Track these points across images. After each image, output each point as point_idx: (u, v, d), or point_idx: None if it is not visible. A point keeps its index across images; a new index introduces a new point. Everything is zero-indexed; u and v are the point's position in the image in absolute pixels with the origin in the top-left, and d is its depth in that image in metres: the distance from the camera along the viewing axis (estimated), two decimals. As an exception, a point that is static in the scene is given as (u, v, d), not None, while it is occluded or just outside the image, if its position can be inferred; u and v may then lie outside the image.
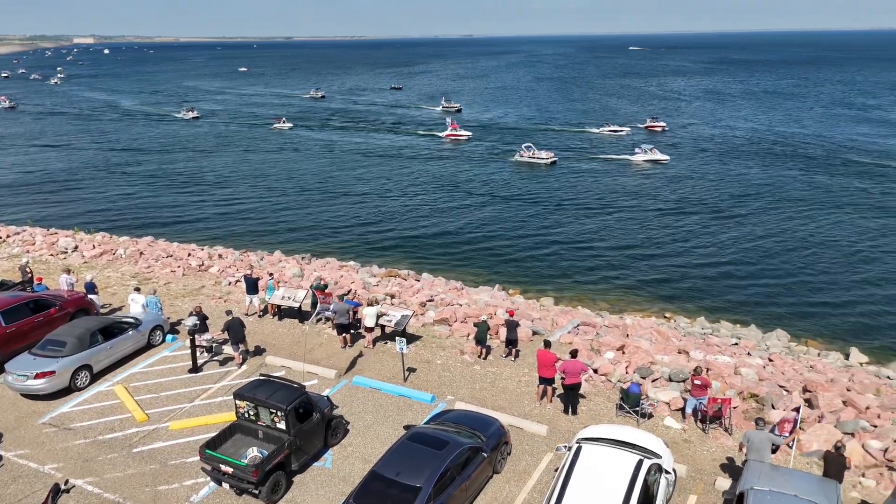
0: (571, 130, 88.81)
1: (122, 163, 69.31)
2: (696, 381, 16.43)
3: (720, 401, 16.34)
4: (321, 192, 55.76)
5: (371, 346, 20.92)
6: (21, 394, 17.94)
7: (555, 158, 66.31)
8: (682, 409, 17.01)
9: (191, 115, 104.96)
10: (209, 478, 14.09)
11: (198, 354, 19.63)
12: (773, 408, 17.30)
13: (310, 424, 14.72)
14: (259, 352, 20.69)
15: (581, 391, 17.46)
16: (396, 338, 18.54)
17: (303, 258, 35.71)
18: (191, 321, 18.93)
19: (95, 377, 18.98)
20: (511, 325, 20.01)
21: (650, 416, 16.89)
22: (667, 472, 13.07)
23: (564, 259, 39.05)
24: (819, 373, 21.36)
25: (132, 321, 20.62)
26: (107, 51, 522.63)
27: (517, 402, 17.79)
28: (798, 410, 14.50)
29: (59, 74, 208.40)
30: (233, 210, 50.59)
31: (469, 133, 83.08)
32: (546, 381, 17.35)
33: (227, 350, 20.40)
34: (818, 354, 26.48)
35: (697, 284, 35.06)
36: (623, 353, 20.82)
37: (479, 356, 20.33)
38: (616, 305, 32.05)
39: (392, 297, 26.39)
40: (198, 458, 14.74)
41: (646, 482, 11.99)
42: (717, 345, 24.20)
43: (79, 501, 13.92)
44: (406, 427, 14.93)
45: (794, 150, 72.27)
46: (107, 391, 18.41)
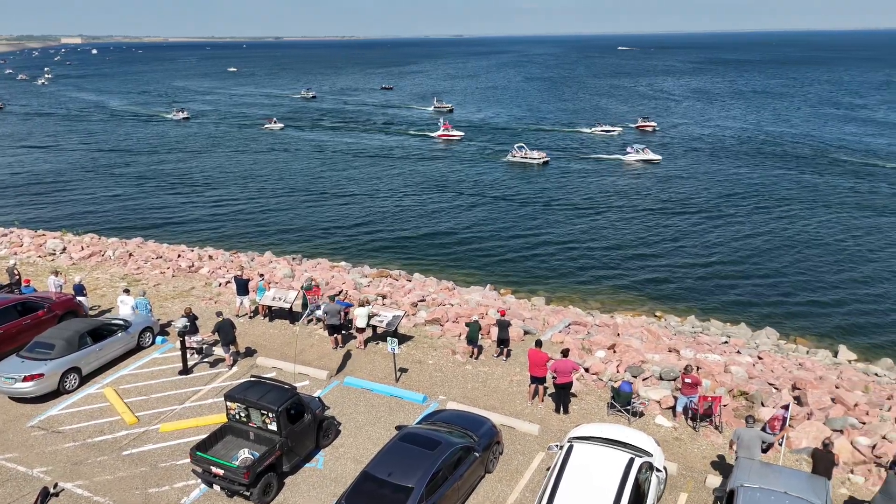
0: (563, 130, 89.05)
1: (111, 164, 68.85)
2: (687, 380, 16.51)
3: (710, 399, 16.43)
4: (312, 193, 55.62)
5: (362, 347, 20.89)
6: (9, 397, 17.79)
7: (547, 158, 66.43)
8: (673, 408, 17.09)
9: (181, 116, 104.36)
10: (200, 480, 14.01)
11: (188, 356, 19.51)
12: (763, 405, 17.42)
13: (301, 425, 14.68)
14: (250, 353, 20.61)
15: (572, 390, 17.50)
16: (388, 338, 18.53)
17: (293, 259, 35.60)
18: (181, 322, 18.85)
19: (85, 380, 18.84)
20: (502, 325, 20.04)
21: (641, 415, 16.97)
22: (658, 471, 13.14)
23: (556, 259, 39.15)
24: (808, 370, 21.51)
25: (121, 323, 20.49)
26: (95, 51, 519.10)
27: (509, 402, 17.82)
28: (787, 408, 14.61)
29: (47, 75, 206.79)
30: (223, 211, 50.36)
31: (461, 133, 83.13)
32: (537, 381, 17.39)
33: (218, 351, 20.31)
34: (807, 352, 26.69)
35: (687, 283, 35.25)
36: (614, 352, 20.90)
37: (471, 356, 20.35)
38: (607, 305, 32.17)
39: (383, 298, 26.36)
40: (188, 461, 14.67)
41: (637, 480, 12.04)
42: (708, 343, 24.33)
43: (68, 505, 13.83)
44: (398, 427, 14.92)
45: (783, 150, 72.80)
46: (96, 394, 18.28)
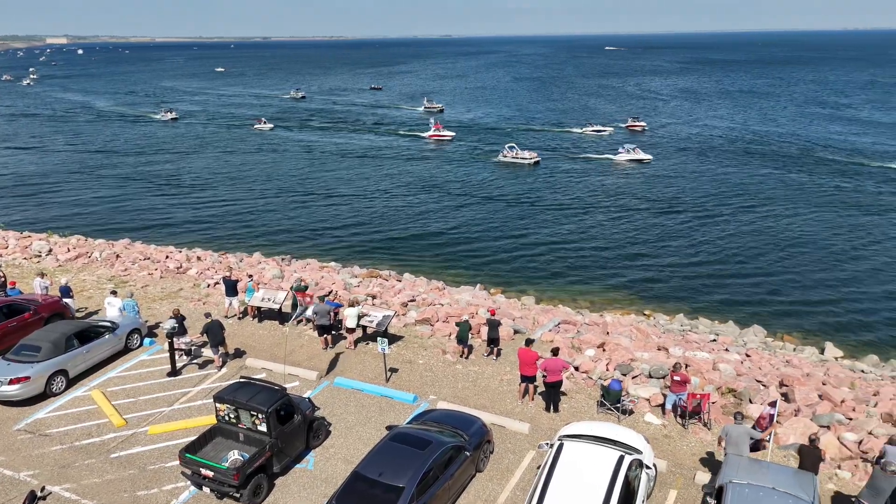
0: (554, 130, 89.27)
1: (98, 165, 68.26)
2: (676, 378, 16.62)
3: (699, 396, 16.54)
4: (302, 193, 55.42)
5: (353, 347, 20.85)
6: (-5, 400, 17.60)
7: (538, 158, 66.53)
8: (662, 405, 17.20)
9: (169, 117, 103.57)
10: (189, 482, 13.94)
11: (177, 357, 19.40)
12: (751, 402, 17.56)
13: (291, 426, 14.64)
14: (239, 354, 20.51)
15: (562, 389, 17.56)
16: (378, 338, 18.51)
17: (283, 259, 35.46)
18: (169, 324, 18.74)
19: (72, 382, 18.69)
20: (492, 325, 20.07)
21: (631, 413, 17.05)
22: (648, 468, 13.21)
23: (545, 258, 39.25)
24: (795, 367, 21.70)
25: (109, 325, 20.32)
26: (80, 51, 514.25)
27: (499, 401, 17.85)
28: (775, 405, 14.72)
29: (32, 75, 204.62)
30: (212, 212, 50.07)
31: (453, 133, 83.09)
32: (528, 380, 17.44)
33: (207, 353, 20.20)
34: (794, 349, 26.91)
35: (676, 282, 35.45)
36: (603, 351, 20.99)
37: (461, 355, 20.37)
38: (596, 303, 32.28)
39: (373, 298, 26.33)
40: (177, 463, 14.57)
41: (627, 478, 12.10)
42: (696, 341, 24.47)
43: (55, 509, 13.71)
44: (388, 427, 14.91)
45: (770, 149, 73.39)
46: (83, 396, 18.13)
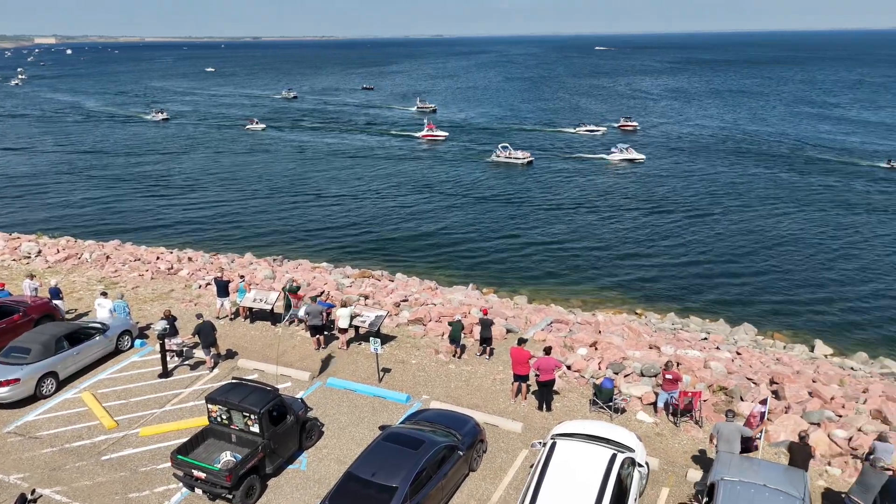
0: (547, 130, 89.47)
1: (88, 166, 67.81)
2: (668, 376, 16.70)
3: (691, 394, 16.63)
4: (294, 194, 55.28)
5: (345, 348, 20.82)
6: (-16, 403, 17.46)
7: (531, 158, 66.63)
8: (654, 404, 17.27)
9: (160, 117, 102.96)
10: (181, 484, 13.89)
11: (168, 359, 19.32)
12: (742, 400, 17.67)
13: (284, 427, 14.60)
14: (231, 355, 20.43)
15: (555, 388, 17.62)
16: (371, 338, 18.48)
17: (274, 260, 35.36)
18: (160, 325, 18.65)
19: (62, 384, 18.56)
20: (485, 324, 20.10)
21: (623, 411, 17.12)
22: (640, 466, 13.27)
23: (538, 258, 39.33)
24: (785, 365, 21.86)
25: (99, 326, 20.21)
26: (69, 51, 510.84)
27: (492, 400, 17.88)
28: (765, 402, 14.82)
29: (20, 76, 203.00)
30: (203, 213, 49.85)
31: (446, 133, 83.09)
32: (520, 379, 17.46)
33: (198, 354, 20.12)
34: (784, 347, 27.10)
35: (668, 281, 35.62)
36: (596, 350, 21.06)
37: (454, 355, 20.38)
38: (588, 303, 32.39)
39: (366, 298, 26.30)
40: (169, 464, 14.50)
41: (619, 476, 12.14)
42: (687, 340, 24.60)
43: (46, 511, 13.62)
44: (381, 427, 14.90)
45: (760, 148, 73.87)
46: (74, 398, 18.01)
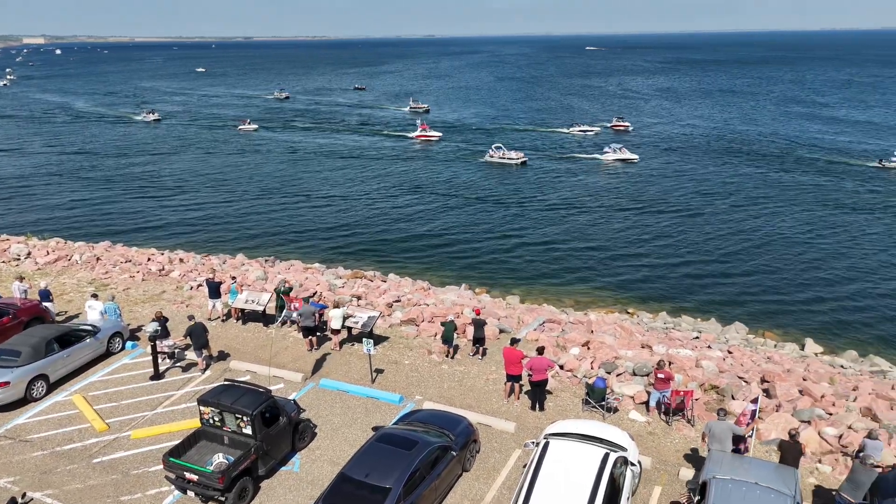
0: (541, 130, 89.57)
1: (77, 167, 67.35)
2: (660, 375, 16.78)
3: (682, 393, 16.71)
4: (286, 195, 55.11)
5: (338, 349, 20.78)
6: (-27, 406, 17.32)
7: (525, 159, 66.68)
8: (647, 403, 17.35)
9: (151, 118, 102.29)
10: (173, 486, 13.82)
11: (159, 361, 19.24)
12: (734, 398, 17.77)
13: (277, 429, 14.57)
14: (223, 357, 20.36)
15: (548, 387, 17.65)
16: (363, 339, 18.47)
17: (266, 261, 35.23)
18: (151, 327, 18.55)
19: (52, 387, 18.45)
20: (478, 324, 20.11)
21: (615, 410, 17.18)
22: (632, 465, 13.32)
23: (531, 258, 39.39)
24: (776, 363, 21.99)
25: (90, 328, 20.09)
26: (59, 51, 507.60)
27: (485, 400, 17.90)
28: (756, 401, 14.91)
29: (9, 76, 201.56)
30: (195, 214, 49.62)
31: (440, 134, 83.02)
32: (513, 379, 17.50)
33: (190, 356, 20.04)
34: (775, 346, 27.26)
35: (659, 281, 35.75)
36: (588, 349, 21.11)
37: (447, 355, 20.39)
38: (581, 302, 32.47)
39: (358, 299, 26.25)
40: (161, 467, 14.44)
41: (612, 475, 12.19)
42: (679, 339, 24.70)
43: (37, 515, 13.53)
44: (374, 428, 14.89)
45: (751, 148, 74.27)
46: (64, 401, 17.90)
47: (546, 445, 13.01)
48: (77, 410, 17.37)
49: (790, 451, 13.28)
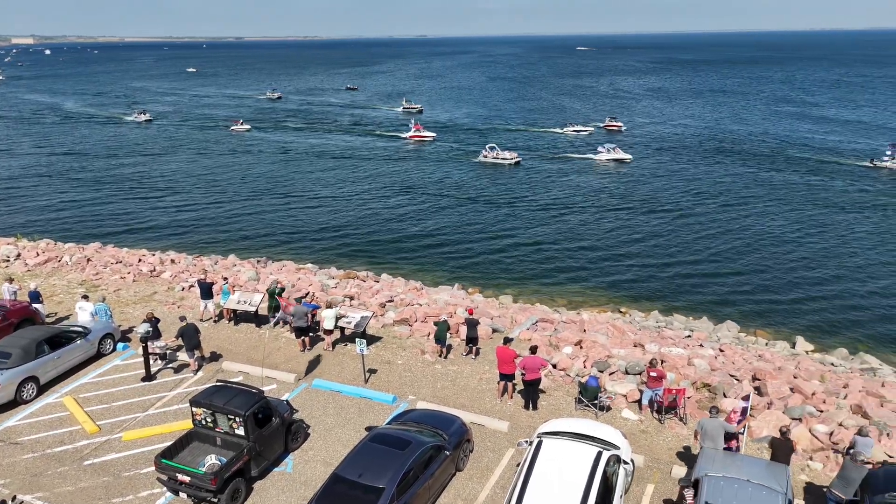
0: (534, 130, 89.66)
1: (67, 168, 66.89)
2: (652, 373, 16.83)
3: (675, 391, 16.78)
4: (279, 195, 54.92)
5: (330, 349, 20.74)
6: (-38, 409, 17.19)
7: (518, 159, 66.71)
8: (639, 401, 17.41)
9: (143, 118, 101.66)
10: (165, 488, 13.75)
11: (151, 362, 19.14)
12: (725, 396, 17.86)
13: (269, 429, 14.52)
14: (215, 358, 20.28)
15: (541, 386, 17.69)
16: (356, 339, 18.44)
17: (258, 261, 35.12)
18: (143, 328, 18.45)
19: (43, 389, 18.33)
20: (471, 324, 20.13)
21: (608, 409, 17.23)
22: (625, 463, 13.37)
23: (523, 257, 39.44)
24: (767, 361, 22.10)
25: (80, 330, 19.97)
26: (48, 51, 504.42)
27: (478, 400, 17.91)
28: (748, 398, 14.99)
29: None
30: (187, 214, 49.38)
31: (434, 134, 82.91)
32: (506, 378, 17.52)
33: (182, 357, 19.96)
34: (766, 344, 27.40)
35: (651, 280, 35.88)
36: (581, 348, 21.17)
37: (440, 355, 20.39)
38: (573, 302, 32.54)
39: (351, 299, 26.22)
40: (153, 469, 14.37)
41: (605, 473, 12.23)
42: (671, 337, 24.79)
43: (27, 518, 13.43)
44: (368, 428, 14.86)
45: (742, 148, 74.64)
46: (55, 403, 17.79)
47: (539, 444, 13.04)
48: (68, 412, 17.26)
49: (781, 449, 13.36)
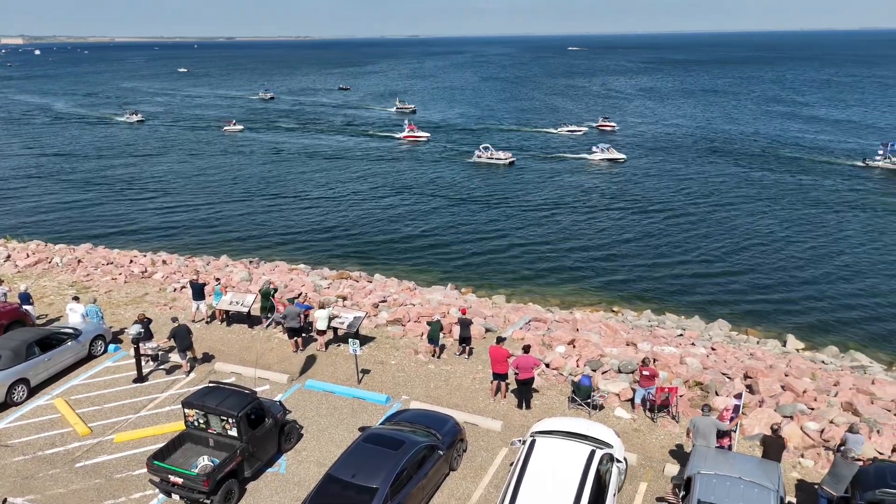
0: (529, 130, 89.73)
1: (58, 169, 66.45)
2: (644, 372, 16.90)
3: (667, 390, 16.86)
4: (272, 195, 54.75)
5: (324, 349, 20.71)
6: (-48, 411, 17.06)
7: (513, 159, 66.73)
8: (632, 400, 17.47)
9: (135, 119, 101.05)
10: (158, 490, 13.69)
11: (143, 363, 19.04)
12: (717, 394, 17.95)
13: (262, 430, 14.49)
14: (208, 359, 20.21)
15: (534, 386, 17.71)
16: (349, 340, 18.41)
17: (251, 262, 35.02)
18: (134, 329, 18.36)
19: (34, 391, 18.22)
20: (464, 324, 20.14)
21: (601, 408, 17.28)
22: (618, 461, 13.40)
23: (517, 257, 39.48)
24: (759, 360, 22.21)
25: (71, 331, 19.86)
26: (38, 51, 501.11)
27: (472, 399, 17.92)
28: (740, 396, 15.07)
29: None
30: (179, 215, 49.15)
31: (428, 134, 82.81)
32: (499, 377, 17.55)
33: (174, 358, 19.88)
34: (757, 342, 27.53)
35: (643, 279, 35.99)
36: (573, 347, 21.23)
37: (433, 355, 20.39)
38: (566, 301, 32.60)
39: (344, 299, 26.18)
40: (145, 470, 14.31)
41: (598, 472, 12.26)
42: (663, 336, 24.88)
43: (18, 521, 13.34)
44: (361, 429, 14.85)
45: (734, 147, 74.98)
46: (46, 405, 17.68)
47: (532, 443, 13.06)
48: (59, 414, 17.16)
49: (773, 446, 13.44)
